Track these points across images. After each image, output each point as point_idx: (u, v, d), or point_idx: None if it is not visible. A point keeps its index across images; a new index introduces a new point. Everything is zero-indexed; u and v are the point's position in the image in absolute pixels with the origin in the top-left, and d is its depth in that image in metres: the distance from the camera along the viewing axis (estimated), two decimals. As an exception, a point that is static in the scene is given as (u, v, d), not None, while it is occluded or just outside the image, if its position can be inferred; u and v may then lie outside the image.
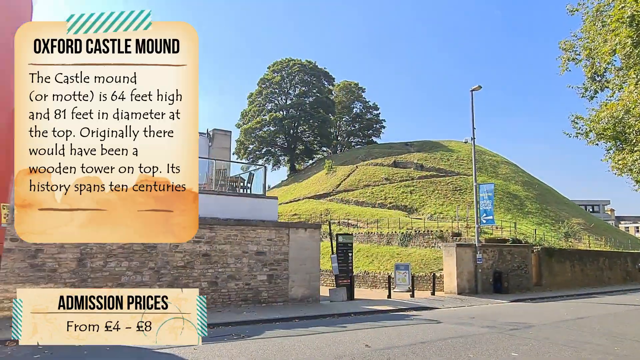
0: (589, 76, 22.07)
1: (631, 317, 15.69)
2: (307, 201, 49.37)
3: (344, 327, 12.15)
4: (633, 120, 18.79)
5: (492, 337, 10.98)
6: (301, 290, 16.95)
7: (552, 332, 12.02)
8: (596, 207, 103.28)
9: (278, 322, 13.19)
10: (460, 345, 9.66)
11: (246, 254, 15.71)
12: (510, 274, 25.86)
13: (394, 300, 19.88)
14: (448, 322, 13.47)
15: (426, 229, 33.00)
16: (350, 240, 20.95)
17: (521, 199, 47.83)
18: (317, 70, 74.15)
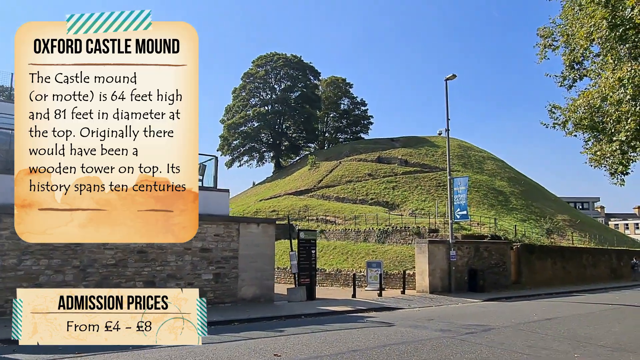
0: (567, 64, 20.94)
1: (604, 318, 14.60)
2: (287, 197, 48.09)
3: (281, 332, 10.93)
4: (611, 108, 17.67)
5: (440, 342, 9.81)
6: (252, 290, 15.72)
7: (511, 335, 10.88)
8: (585, 205, 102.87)
9: (214, 325, 11.97)
10: (397, 355, 8.47)
11: (189, 250, 14.45)
12: (487, 272, 24.76)
13: (358, 300, 18.69)
14: (401, 324, 12.30)
15: (404, 226, 31.86)
16: (314, 236, 19.74)
17: (506, 195, 46.89)
18: (302, 65, 72.70)
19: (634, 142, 17.43)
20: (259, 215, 43.18)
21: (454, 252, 22.72)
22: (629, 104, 16.68)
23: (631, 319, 14.36)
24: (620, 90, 16.83)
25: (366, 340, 9.95)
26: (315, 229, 32.48)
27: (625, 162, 18.01)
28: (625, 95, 16.71)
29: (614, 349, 9.75)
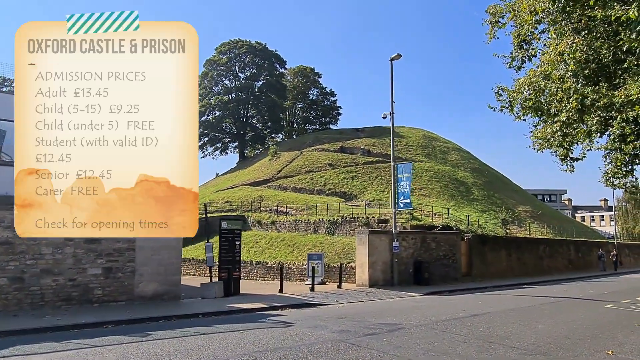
0: (516, 44, 19.52)
1: (537, 312, 13.34)
2: (243, 188, 46.15)
3: (146, 336, 9.19)
4: (553, 87, 16.36)
5: (327, 347, 8.24)
6: (153, 286, 13.93)
7: (417, 336, 9.41)
8: (553, 197, 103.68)
9: (81, 328, 10.20)
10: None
11: (71, 241, 12.53)
12: (435, 264, 23.47)
13: (284, 295, 17.08)
14: (302, 325, 10.71)
15: (354, 216, 30.41)
16: (238, 226, 18.00)
17: (468, 186, 45.96)
18: (267, 53, 70.44)
19: (575, 124, 16.16)
20: (211, 207, 41.16)
21: (397, 243, 21.31)
22: (570, 81, 15.42)
23: (566, 314, 13.14)
24: (561, 66, 15.57)
25: (244, 346, 8.32)
26: (240, 218, 30.62)
27: (567, 145, 16.80)
28: (567, 72, 15.44)
29: (528, 351, 8.38)
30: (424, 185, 42.68)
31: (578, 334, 10.11)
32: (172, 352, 7.77)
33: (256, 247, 30.15)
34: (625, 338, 9.80)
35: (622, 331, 10.61)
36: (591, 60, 15.61)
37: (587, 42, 15.35)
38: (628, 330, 10.70)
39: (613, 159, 20.39)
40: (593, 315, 13.15)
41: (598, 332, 10.45)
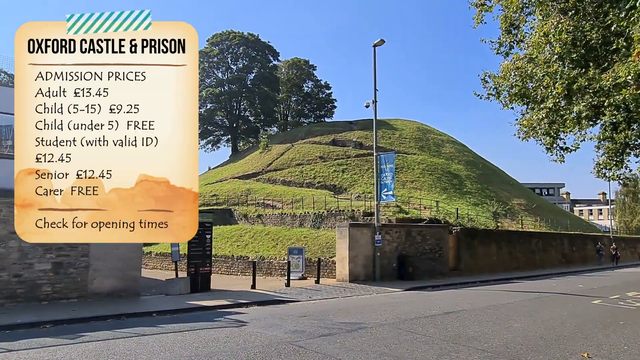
0: (503, 28, 18.53)
1: (517, 310, 12.51)
2: (232, 181, 45.28)
3: (74, 338, 8.34)
4: (539, 71, 15.40)
5: (269, 352, 7.41)
6: (110, 283, 13.09)
7: (377, 337, 8.58)
8: (551, 191, 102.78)
9: (15, 329, 9.38)
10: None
11: (15, 234, 11.64)
12: (420, 258, 22.64)
13: (255, 291, 16.26)
14: (257, 325, 9.88)
15: (340, 209, 29.56)
16: (208, 219, 17.16)
17: (461, 179, 45.11)
18: (260, 44, 69.30)
19: (562, 110, 15.21)
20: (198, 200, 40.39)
21: (379, 236, 20.46)
22: (556, 64, 14.48)
23: (546, 311, 12.32)
24: (546, 48, 14.64)
25: (177, 350, 7.49)
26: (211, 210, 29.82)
27: (554, 133, 15.89)
28: (552, 55, 14.51)
29: (495, 353, 7.56)
30: (416, 178, 41.83)
31: (555, 334, 9.28)
32: (90, 358, 6.93)
33: (239, 242, 29.33)
34: (606, 338, 8.99)
35: (604, 330, 9.80)
36: (579, 43, 14.68)
37: (574, 22, 14.41)
38: (610, 330, 9.88)
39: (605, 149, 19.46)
40: (577, 312, 12.33)
41: (578, 331, 9.64)
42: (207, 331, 9.15)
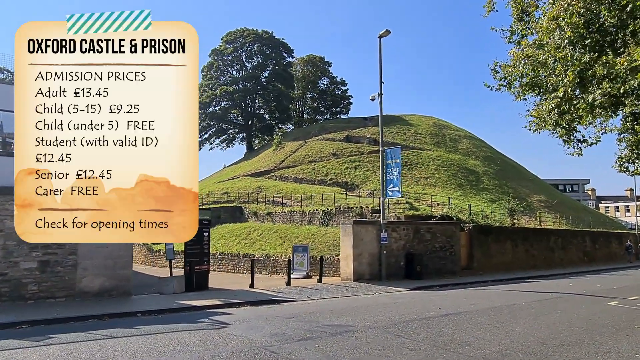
0: (515, 15, 17.58)
1: (522, 312, 11.67)
2: (244, 179, 45.02)
3: (42, 340, 7.99)
4: (549, 57, 14.44)
5: (236, 358, 6.89)
6: (99, 281, 12.78)
7: (361, 342, 7.96)
8: (575, 187, 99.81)
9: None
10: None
11: (0, 232, 11.45)
12: (429, 256, 21.84)
13: (252, 290, 15.78)
14: (237, 327, 9.37)
15: (349, 206, 28.89)
16: (206, 217, 16.73)
17: (478, 175, 43.86)
18: (274, 41, 68.93)
19: (575, 99, 14.20)
20: (210, 198, 40.22)
21: (385, 234, 19.76)
22: (567, 49, 13.53)
23: (555, 313, 11.47)
24: (556, 33, 13.70)
25: (140, 354, 7.04)
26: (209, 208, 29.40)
27: (566, 124, 14.90)
28: (563, 40, 13.56)
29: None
30: (430, 174, 40.81)
31: (559, 339, 8.50)
32: None
33: (247, 240, 28.96)
34: (615, 344, 8.16)
35: (615, 335, 8.96)
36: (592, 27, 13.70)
37: (586, 4, 13.43)
38: (622, 334, 9.02)
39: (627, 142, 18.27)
40: (589, 314, 11.45)
41: (585, 336, 8.82)
42: (182, 333, 8.68)
